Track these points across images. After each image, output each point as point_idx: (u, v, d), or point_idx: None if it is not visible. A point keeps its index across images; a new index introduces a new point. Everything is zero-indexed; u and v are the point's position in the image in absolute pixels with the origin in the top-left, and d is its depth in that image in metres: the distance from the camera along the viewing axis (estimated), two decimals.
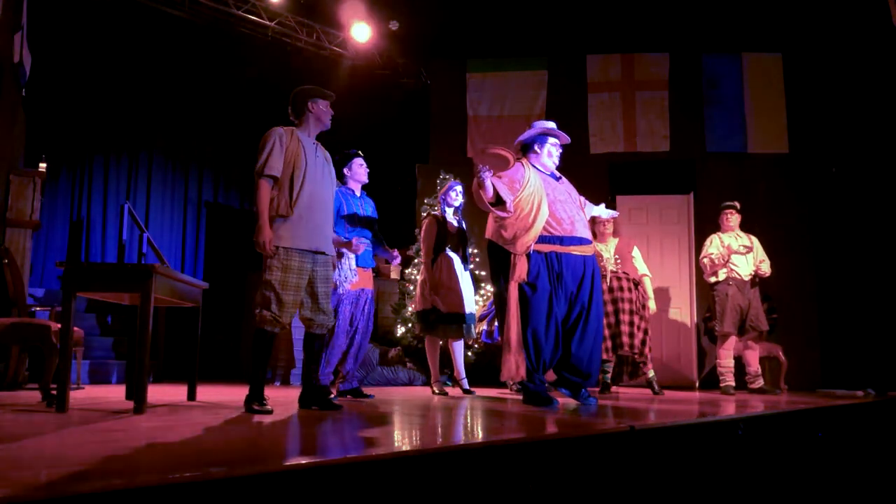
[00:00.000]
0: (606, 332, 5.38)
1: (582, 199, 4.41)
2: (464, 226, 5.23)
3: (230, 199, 8.56)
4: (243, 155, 8.60)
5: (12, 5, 5.08)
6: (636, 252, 5.70)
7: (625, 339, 5.39)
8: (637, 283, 5.59)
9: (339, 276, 4.28)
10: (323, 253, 3.43)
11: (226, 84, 8.17)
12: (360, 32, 7.90)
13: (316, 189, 3.38)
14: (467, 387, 5.18)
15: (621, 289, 5.49)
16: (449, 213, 5.15)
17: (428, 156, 8.47)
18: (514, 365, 3.95)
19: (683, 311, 7.45)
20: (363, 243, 4.33)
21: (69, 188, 7.30)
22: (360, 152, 4.64)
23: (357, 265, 4.41)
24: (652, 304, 5.65)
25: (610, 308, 5.44)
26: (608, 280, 5.48)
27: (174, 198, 8.05)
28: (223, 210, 8.46)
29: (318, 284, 3.42)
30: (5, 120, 5.37)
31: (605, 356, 5.40)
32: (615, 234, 5.80)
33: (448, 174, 7.77)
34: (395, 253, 4.58)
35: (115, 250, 7.28)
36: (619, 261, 5.55)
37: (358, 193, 4.62)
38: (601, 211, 4.55)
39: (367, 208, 4.60)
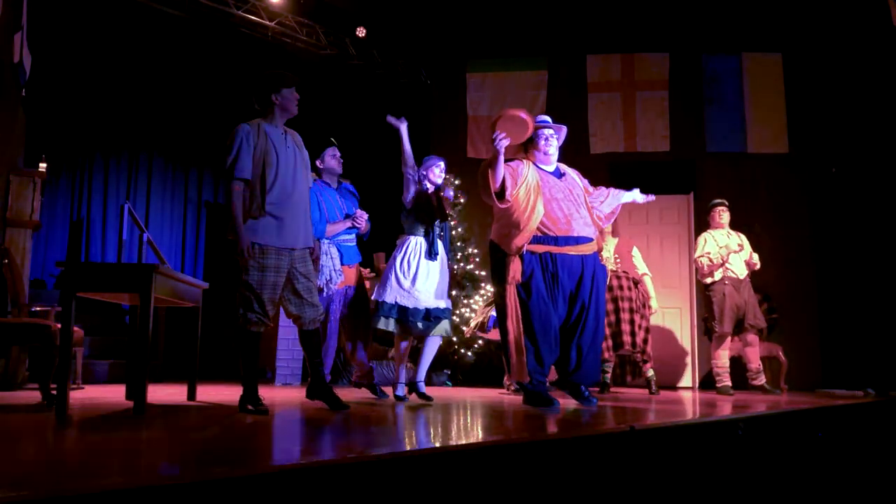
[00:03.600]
0: (607, 332, 5.39)
1: (610, 190, 4.30)
2: (446, 208, 4.55)
3: None
4: None
5: (12, 5, 5.08)
6: (636, 251, 5.72)
7: (626, 338, 5.40)
8: (637, 283, 5.60)
9: (323, 278, 4.19)
10: (303, 248, 3.37)
11: (226, 84, 8.17)
12: (360, 32, 7.90)
13: (289, 183, 3.30)
14: (423, 390, 4.33)
15: (621, 287, 5.51)
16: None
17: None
18: (517, 367, 3.95)
19: (683, 311, 7.45)
20: (363, 217, 4.30)
21: (69, 188, 7.30)
22: (333, 140, 4.51)
23: (342, 263, 4.36)
24: (654, 303, 5.66)
25: (610, 307, 5.44)
26: (608, 278, 5.48)
27: (174, 198, 8.05)
28: (223, 210, 8.45)
29: (298, 281, 3.34)
30: (5, 120, 5.37)
31: (605, 356, 5.42)
32: (614, 233, 5.82)
33: (448, 174, 7.76)
34: (359, 213, 4.36)
35: (115, 250, 7.28)
36: (618, 260, 5.57)
37: (336, 185, 4.48)
38: (636, 196, 4.31)
39: (348, 200, 4.47)
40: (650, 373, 5.62)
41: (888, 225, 7.12)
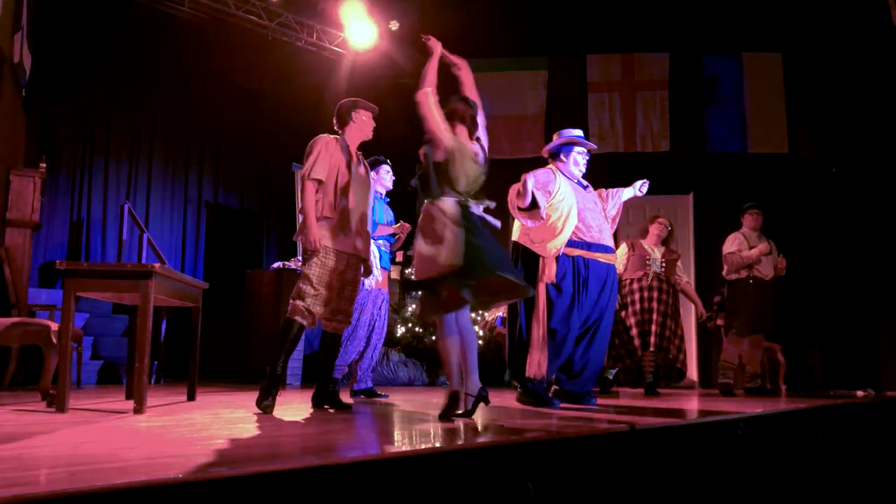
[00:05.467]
0: (636, 331, 5.50)
1: (609, 192, 4.43)
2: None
3: (230, 199, 8.56)
4: (243, 155, 8.61)
5: (12, 5, 5.08)
6: (680, 262, 5.82)
7: (652, 338, 5.45)
8: (675, 290, 5.70)
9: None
10: (357, 256, 3.57)
11: (226, 84, 8.17)
12: (361, 33, 7.90)
13: (356, 197, 3.55)
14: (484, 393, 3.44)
15: (660, 290, 5.60)
16: None
17: None
18: (537, 363, 3.97)
19: (683, 311, 7.44)
20: (407, 228, 4.50)
21: (69, 188, 7.28)
22: (387, 160, 4.74)
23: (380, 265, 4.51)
24: (702, 309, 5.88)
25: (646, 305, 5.51)
26: (650, 279, 5.56)
27: (174, 198, 8.04)
28: (223, 210, 8.45)
29: (345, 286, 3.54)
30: (5, 120, 5.37)
31: (638, 355, 5.50)
32: (665, 242, 5.89)
33: None
34: (404, 224, 4.61)
35: (115, 250, 7.27)
36: (664, 265, 5.65)
37: (382, 197, 4.74)
38: (632, 191, 4.42)
39: (389, 215, 4.74)
40: (650, 378, 5.67)
41: (888, 225, 7.12)
